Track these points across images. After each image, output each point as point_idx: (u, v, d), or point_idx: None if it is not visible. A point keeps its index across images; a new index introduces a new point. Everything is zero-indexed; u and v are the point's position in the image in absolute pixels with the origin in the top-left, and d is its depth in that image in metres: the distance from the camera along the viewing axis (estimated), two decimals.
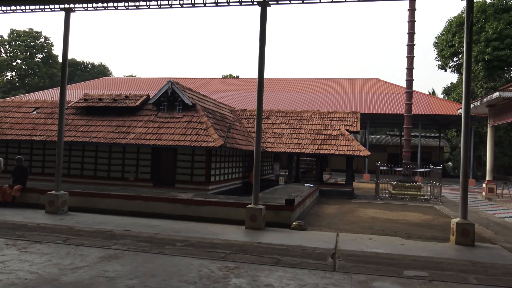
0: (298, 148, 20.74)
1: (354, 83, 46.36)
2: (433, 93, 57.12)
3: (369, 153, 20.37)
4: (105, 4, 12.04)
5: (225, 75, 75.32)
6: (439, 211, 16.09)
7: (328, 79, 49.34)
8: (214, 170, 16.57)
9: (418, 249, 8.70)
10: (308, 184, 19.76)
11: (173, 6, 11.49)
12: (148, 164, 16.64)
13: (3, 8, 12.64)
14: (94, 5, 12.04)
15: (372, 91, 43.08)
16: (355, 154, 19.87)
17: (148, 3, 11.65)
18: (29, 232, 8.88)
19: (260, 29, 10.84)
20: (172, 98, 17.14)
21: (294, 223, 11.03)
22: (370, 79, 47.65)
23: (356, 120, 22.31)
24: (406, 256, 7.99)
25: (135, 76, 71.51)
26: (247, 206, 10.66)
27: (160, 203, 12.18)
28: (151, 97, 18.01)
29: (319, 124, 22.09)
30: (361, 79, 48.07)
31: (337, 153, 20.14)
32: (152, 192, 13.60)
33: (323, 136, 21.23)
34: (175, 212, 11.96)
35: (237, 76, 70.85)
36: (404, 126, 23.88)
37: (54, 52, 65.70)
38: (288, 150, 20.81)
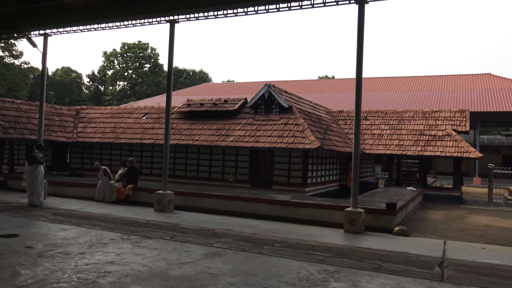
0: (399, 150, 19.77)
1: (461, 80, 43.00)
2: None
3: (480, 154, 18.70)
4: (206, 14, 12.63)
5: (320, 76, 74.76)
6: None
7: (431, 76, 46.41)
8: (311, 172, 16.48)
9: None
10: (411, 188, 18.74)
11: (269, 10, 11.65)
12: (246, 165, 17.09)
13: (117, 24, 13.92)
14: (196, 15, 12.70)
15: (482, 87, 39.55)
16: (464, 156, 18.38)
17: (245, 9, 11.98)
18: (141, 228, 9.62)
19: (358, 27, 10.53)
20: (269, 101, 17.42)
21: (396, 228, 10.52)
22: (480, 74, 43.82)
23: (464, 119, 20.64)
24: None
25: (233, 81, 74.19)
26: (346, 209, 10.41)
27: (258, 204, 12.42)
28: (248, 101, 18.49)
29: (422, 124, 20.84)
30: (470, 74, 44.43)
31: (443, 155, 18.81)
32: (250, 193, 13.93)
33: (427, 136, 19.98)
34: (272, 213, 12.11)
35: (333, 77, 69.87)
36: None
37: (160, 61, 70.85)
38: (388, 152, 19.95)
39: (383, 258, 7.55)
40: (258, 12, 11.86)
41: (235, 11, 12.19)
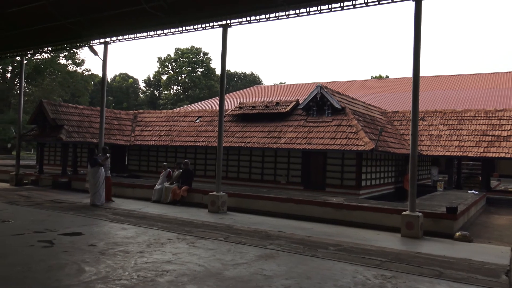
0: (459, 151, 18.86)
1: None
2: None
3: None
4: (257, 17, 12.71)
5: (373, 76, 73.00)
6: None
7: (493, 73, 43.91)
8: (365, 174, 16.11)
9: None
10: (472, 191, 17.81)
11: (322, 11, 11.54)
12: (298, 167, 17.01)
13: (172, 30, 14.34)
14: (248, 18, 12.81)
15: None
16: None
17: (297, 11, 11.94)
18: (195, 229, 9.83)
19: (415, 25, 10.16)
20: (321, 102, 17.24)
21: (457, 234, 10.03)
22: None
23: None
24: None
25: (284, 83, 74.18)
26: (403, 213, 10.06)
27: (311, 206, 12.30)
28: (300, 103, 18.40)
29: (485, 124, 19.74)
30: None
31: (509, 156, 17.73)
32: (302, 195, 13.83)
33: (490, 137, 18.91)
34: (325, 215, 11.95)
35: (387, 77, 67.97)
36: None
37: (212, 65, 72.24)
38: (447, 154, 19.10)
39: (444, 265, 7.22)
40: (310, 13, 11.79)
41: (286, 13, 12.19)
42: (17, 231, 8.74)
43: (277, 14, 12.34)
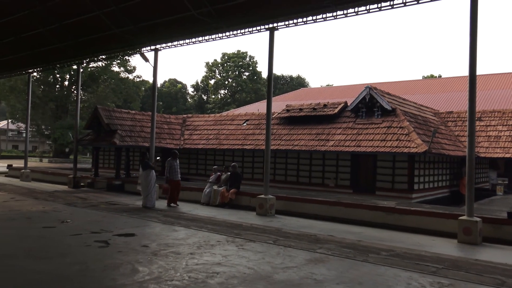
0: None
1: None
2: None
3: None
4: (304, 19, 12.62)
5: (425, 76, 70.55)
6: None
7: None
8: (418, 177, 15.55)
9: None
10: None
11: (370, 11, 11.29)
12: (347, 170, 16.70)
13: (220, 35, 14.54)
14: (295, 21, 12.75)
15: None
16: None
17: (345, 11, 11.74)
18: (244, 231, 9.86)
19: (471, 21, 9.68)
20: (370, 103, 16.85)
21: None
22: None
23: None
24: None
25: (331, 85, 73.29)
26: (460, 218, 9.59)
27: (361, 210, 12.02)
28: (348, 104, 18.08)
29: None
30: None
31: None
32: (352, 198, 13.56)
33: None
34: (376, 220, 11.64)
35: (439, 76, 65.44)
36: None
37: (258, 69, 72.69)
38: (507, 156, 18.06)
39: (506, 273, 6.80)
40: (359, 13, 11.56)
41: (334, 14, 12.02)
42: (75, 232, 9.15)
43: (324, 16, 12.18)
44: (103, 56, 20.04)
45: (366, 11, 11.33)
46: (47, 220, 10.48)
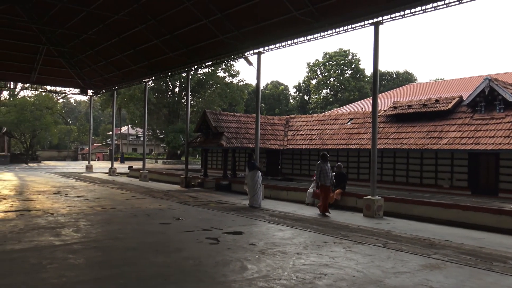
0: None
1: None
2: None
3: None
4: (412, 10, 11.92)
5: None
6: None
7: None
8: None
9: None
10: None
11: None
12: (464, 170, 15.39)
13: (322, 34, 14.35)
14: (402, 13, 12.10)
15: None
16: None
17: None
18: (351, 233, 9.58)
19: None
20: (491, 97, 15.31)
21: None
22: None
23: None
24: None
25: (442, 79, 68.31)
26: None
27: (482, 214, 10.94)
28: (464, 99, 16.65)
29: None
30: None
31: None
32: (470, 201, 12.43)
33: None
34: (500, 225, 10.50)
35: None
36: None
37: (361, 66, 70.54)
38: None
39: None
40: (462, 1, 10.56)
41: (446, 2, 11.16)
42: (188, 228, 9.70)
43: (435, 4, 11.38)
44: (210, 63, 21.08)
45: None
46: (163, 217, 11.28)
